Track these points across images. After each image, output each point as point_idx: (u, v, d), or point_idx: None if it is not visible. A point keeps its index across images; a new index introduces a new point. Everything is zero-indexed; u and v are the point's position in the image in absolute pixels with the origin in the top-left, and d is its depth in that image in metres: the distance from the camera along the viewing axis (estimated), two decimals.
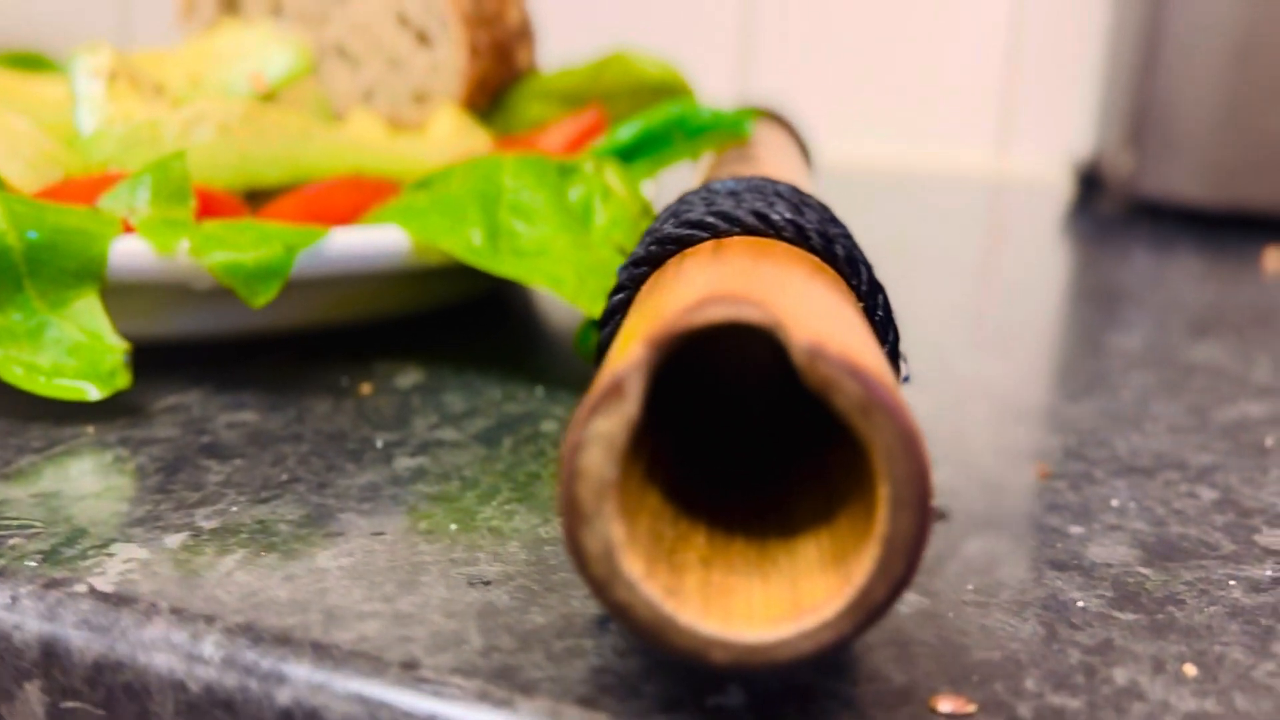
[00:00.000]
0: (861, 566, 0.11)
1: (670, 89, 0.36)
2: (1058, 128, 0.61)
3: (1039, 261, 0.42)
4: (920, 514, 0.11)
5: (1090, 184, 0.55)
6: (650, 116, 0.31)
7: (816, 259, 0.16)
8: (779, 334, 0.11)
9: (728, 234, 0.16)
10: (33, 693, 0.15)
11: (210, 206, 0.24)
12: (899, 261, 0.40)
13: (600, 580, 0.12)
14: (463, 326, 0.29)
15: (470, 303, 0.31)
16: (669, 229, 0.16)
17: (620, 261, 0.24)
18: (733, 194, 0.17)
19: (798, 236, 0.16)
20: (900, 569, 0.11)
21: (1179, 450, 0.22)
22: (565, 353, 0.27)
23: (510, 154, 0.25)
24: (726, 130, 0.31)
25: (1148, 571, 0.17)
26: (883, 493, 0.11)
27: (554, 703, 0.13)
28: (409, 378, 0.25)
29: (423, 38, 0.36)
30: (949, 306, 0.34)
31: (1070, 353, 0.30)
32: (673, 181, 0.33)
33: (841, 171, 0.63)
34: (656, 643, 0.12)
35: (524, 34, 0.38)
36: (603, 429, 0.11)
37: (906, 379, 0.17)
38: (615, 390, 0.11)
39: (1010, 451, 0.22)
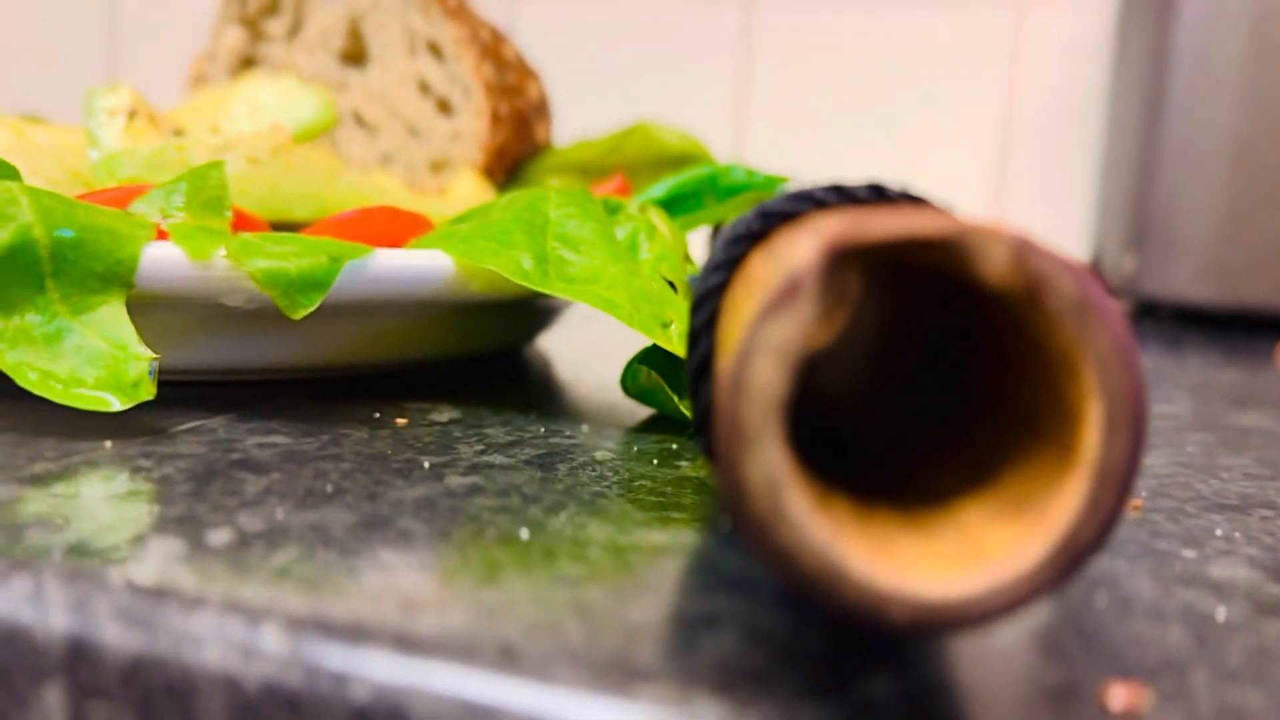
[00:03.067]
0: (1062, 505, 0.10)
1: (692, 160, 0.36)
2: (1050, 232, 0.62)
3: None
4: (1137, 437, 0.10)
5: None
6: (681, 176, 0.30)
7: None
8: (968, 240, 0.10)
9: (818, 208, 0.15)
10: (52, 696, 0.13)
11: (244, 226, 0.22)
12: None
13: (763, 518, 0.10)
14: (492, 377, 0.27)
15: (496, 356, 0.29)
16: (768, 207, 0.15)
17: (670, 293, 0.23)
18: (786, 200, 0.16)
19: (876, 197, 0.15)
20: (1111, 503, 0.10)
21: (1264, 494, 0.21)
22: (606, 397, 0.26)
23: (553, 189, 0.24)
24: (760, 191, 0.30)
25: None
26: (1094, 413, 0.10)
27: (681, 689, 0.12)
28: (445, 414, 0.23)
29: (444, 106, 0.36)
30: None
31: None
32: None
33: None
34: (824, 597, 0.10)
35: (542, 109, 0.38)
36: (775, 335, 0.10)
37: None
38: (791, 291, 0.10)
39: None
